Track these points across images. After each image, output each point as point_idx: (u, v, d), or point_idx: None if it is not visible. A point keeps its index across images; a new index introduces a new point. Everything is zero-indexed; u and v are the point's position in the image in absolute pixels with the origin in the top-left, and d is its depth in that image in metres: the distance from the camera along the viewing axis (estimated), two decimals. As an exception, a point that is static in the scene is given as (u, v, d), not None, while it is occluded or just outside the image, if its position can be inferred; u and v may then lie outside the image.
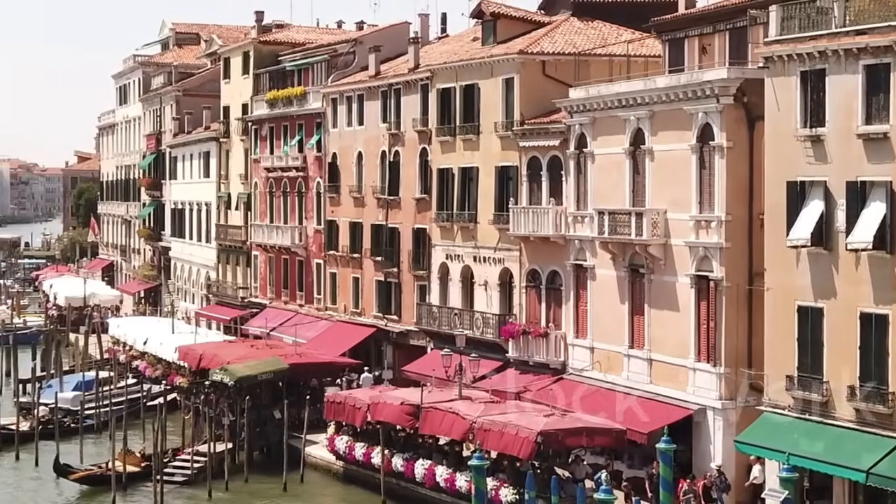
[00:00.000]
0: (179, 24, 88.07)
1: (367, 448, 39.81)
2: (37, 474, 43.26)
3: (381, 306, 51.14)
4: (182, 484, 41.01)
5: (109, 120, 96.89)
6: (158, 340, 55.13)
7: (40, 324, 75.62)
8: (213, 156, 68.43)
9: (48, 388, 52.22)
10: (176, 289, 73.36)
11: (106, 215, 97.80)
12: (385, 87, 51.36)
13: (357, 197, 53.20)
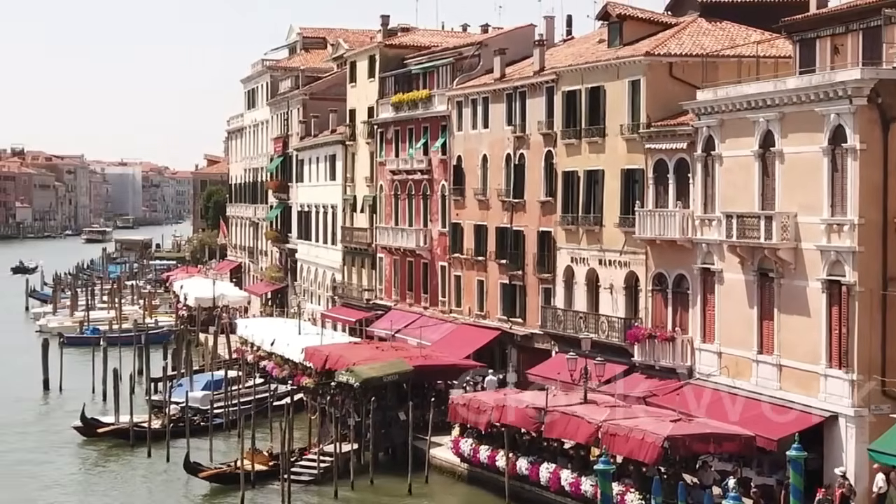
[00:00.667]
0: (307, 28, 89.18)
1: (492, 451, 39.82)
2: (167, 471, 44.10)
3: (506, 309, 51.12)
4: (308, 483, 41.47)
5: (238, 124, 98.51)
6: (285, 341, 55.83)
7: (171, 324, 77.20)
8: (338, 159, 69.12)
9: (179, 386, 53.22)
10: (302, 290, 74.23)
11: (234, 217, 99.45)
12: (510, 89, 51.35)
13: (482, 200, 53.27)
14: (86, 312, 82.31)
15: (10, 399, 57.75)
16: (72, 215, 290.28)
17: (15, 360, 69.38)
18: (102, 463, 46.15)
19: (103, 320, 77.52)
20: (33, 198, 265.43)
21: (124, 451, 47.00)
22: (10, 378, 63.57)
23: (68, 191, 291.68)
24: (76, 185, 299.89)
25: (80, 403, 51.58)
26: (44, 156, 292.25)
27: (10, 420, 53.22)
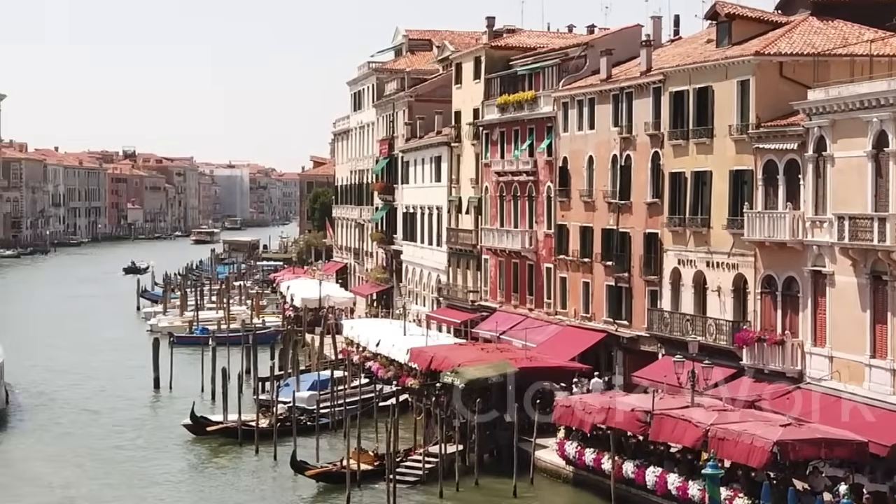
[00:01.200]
0: (412, 31, 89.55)
1: (598, 453, 39.60)
2: (275, 469, 44.58)
3: (612, 311, 50.81)
4: (414, 484, 41.62)
5: (344, 126, 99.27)
6: (390, 342, 56.11)
7: (278, 324, 77.99)
8: (444, 160, 69.28)
9: (286, 386, 53.75)
10: (407, 292, 74.52)
11: (340, 219, 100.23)
12: (616, 90, 51.03)
13: (587, 201, 53.01)
14: (195, 312, 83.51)
15: (122, 397, 58.90)
16: (181, 216, 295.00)
17: (127, 358, 70.76)
18: (211, 460, 46.80)
19: (212, 320, 78.65)
20: (144, 199, 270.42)
21: (232, 450, 47.60)
22: (122, 376, 64.85)
23: (178, 192, 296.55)
24: (185, 187, 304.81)
25: (189, 402, 52.36)
26: (154, 158, 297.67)
27: (123, 417, 54.27)
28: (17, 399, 57.49)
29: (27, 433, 51.32)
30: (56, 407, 56.48)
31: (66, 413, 55.18)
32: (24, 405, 56.66)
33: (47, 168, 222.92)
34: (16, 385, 59.99)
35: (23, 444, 49.48)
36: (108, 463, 46.10)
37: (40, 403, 57.15)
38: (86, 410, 55.78)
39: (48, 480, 43.41)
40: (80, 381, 63.61)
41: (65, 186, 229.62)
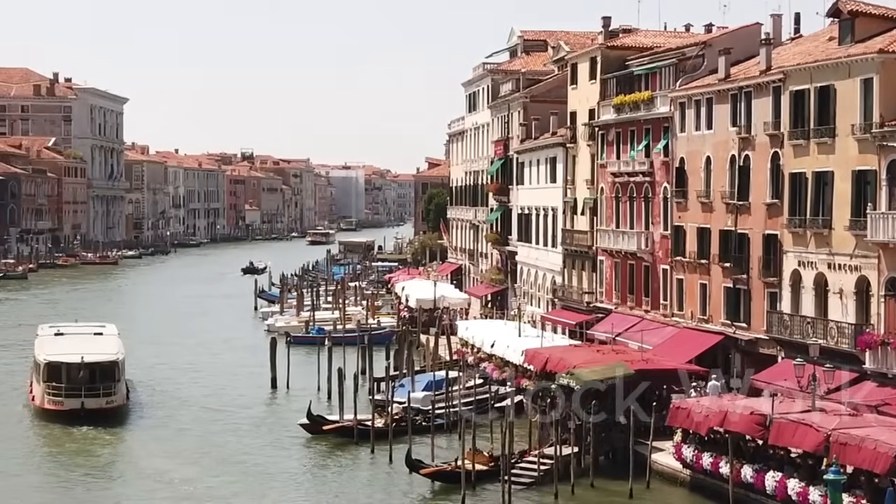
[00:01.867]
0: (527, 31, 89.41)
1: (715, 457, 39.08)
2: (390, 469, 44.78)
3: (730, 313, 50.13)
4: (528, 485, 41.49)
5: (459, 127, 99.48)
6: (505, 343, 56.01)
7: (393, 324, 78.40)
8: (559, 161, 69.02)
9: (401, 386, 53.97)
10: (522, 293, 74.39)
11: (454, 220, 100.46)
12: (735, 90, 50.34)
13: (705, 202, 52.37)
14: (311, 312, 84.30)
15: (240, 396, 59.69)
16: (297, 217, 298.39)
17: (245, 358, 71.72)
18: (327, 459, 47.18)
19: (328, 320, 79.34)
20: (261, 201, 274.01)
21: (348, 449, 47.91)
22: (240, 375, 65.74)
23: (294, 194, 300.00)
24: (302, 189, 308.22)
25: (305, 401, 52.85)
26: (272, 160, 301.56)
27: (241, 416, 54.99)
28: (138, 396, 58.61)
29: (147, 430, 52.28)
30: (175, 405, 57.45)
31: (186, 411, 56.09)
32: (145, 402, 57.76)
33: (168, 170, 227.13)
34: (136, 382, 61.20)
35: (143, 440, 50.42)
36: (227, 460, 46.74)
37: (160, 401, 58.18)
38: (205, 408, 56.64)
39: (169, 476, 44.15)
40: (199, 380, 64.66)
41: (185, 188, 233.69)
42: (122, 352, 56.96)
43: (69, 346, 55.81)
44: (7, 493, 42.18)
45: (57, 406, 52.72)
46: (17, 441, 50.28)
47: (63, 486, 43.24)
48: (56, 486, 43.32)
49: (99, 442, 49.61)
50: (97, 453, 47.95)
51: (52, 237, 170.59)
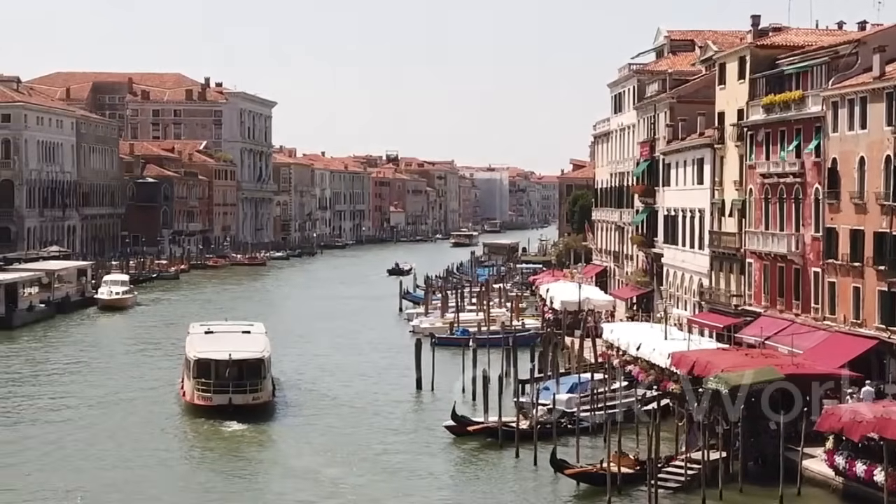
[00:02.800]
0: (674, 31, 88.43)
1: (869, 465, 38.08)
2: (535, 471, 44.66)
3: (885, 317, 48.80)
4: (675, 490, 40.98)
5: (604, 128, 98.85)
6: (651, 346, 55.45)
7: (537, 326, 78.22)
8: (706, 162, 68.06)
9: (545, 389, 53.80)
10: (668, 295, 73.58)
11: (599, 221, 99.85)
12: (890, 88, 49.00)
13: (858, 203, 51.11)
14: (456, 314, 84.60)
15: (385, 396, 60.18)
16: (442, 219, 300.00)
17: (389, 358, 72.31)
18: (472, 460, 47.26)
19: (472, 322, 79.50)
20: (406, 203, 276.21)
21: (493, 450, 47.93)
22: (385, 376, 66.29)
23: (439, 196, 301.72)
24: (446, 191, 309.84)
25: (450, 402, 53.04)
26: (416, 162, 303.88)
27: (386, 416, 55.42)
28: (284, 394, 59.53)
29: (294, 427, 53.05)
30: (321, 403, 58.16)
31: (331, 410, 56.74)
32: (291, 400, 58.63)
33: (314, 173, 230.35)
34: (283, 380, 62.18)
35: (290, 437, 51.15)
36: (373, 460, 47.12)
37: (306, 400, 58.97)
38: (350, 408, 57.23)
39: (316, 475, 44.69)
40: (345, 379, 65.37)
41: (331, 190, 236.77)
42: (269, 350, 58.00)
43: (218, 344, 57.24)
44: (159, 485, 43.25)
45: (206, 401, 54.05)
46: (169, 435, 51.65)
47: (213, 481, 44.13)
48: (206, 481, 44.21)
49: (247, 438, 50.55)
50: (245, 450, 48.84)
51: (203, 238, 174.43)
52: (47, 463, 46.09)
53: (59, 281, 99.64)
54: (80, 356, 74.21)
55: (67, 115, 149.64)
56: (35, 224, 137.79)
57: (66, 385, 63.71)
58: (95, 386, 63.27)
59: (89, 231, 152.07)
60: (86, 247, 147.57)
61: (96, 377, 66.28)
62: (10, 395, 60.17)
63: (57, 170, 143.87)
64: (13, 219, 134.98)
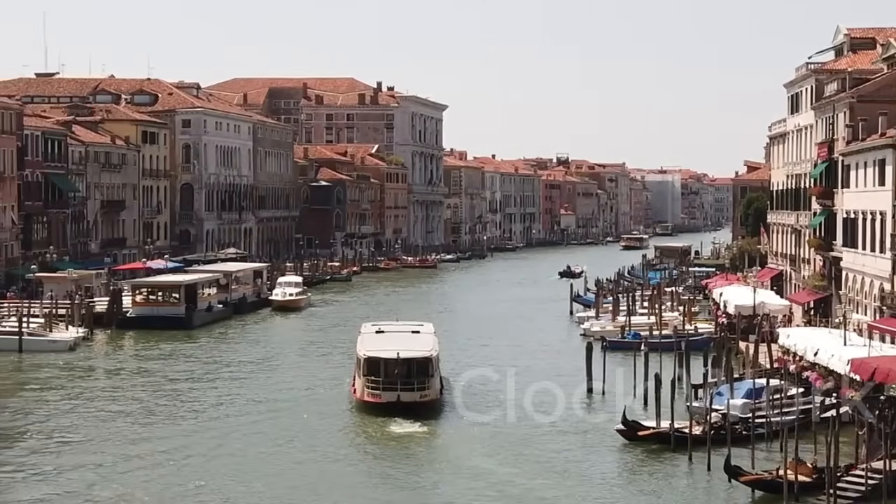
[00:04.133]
0: (854, 29, 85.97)
1: None
2: (708, 477, 43.84)
3: None
4: (855, 500, 39.66)
5: (780, 129, 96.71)
6: (829, 352, 53.90)
7: (710, 331, 76.91)
8: (888, 163, 65.85)
9: (719, 394, 52.77)
10: (847, 300, 71.51)
11: (775, 224, 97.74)
12: None
13: None
14: (627, 317, 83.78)
15: (555, 398, 59.74)
16: (612, 222, 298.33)
17: (560, 361, 71.93)
18: (644, 465, 46.65)
19: (644, 325, 78.57)
20: (577, 205, 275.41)
21: (665, 455, 47.22)
22: (555, 379, 65.88)
23: (609, 198, 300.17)
24: (617, 193, 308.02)
25: (621, 406, 52.47)
26: (587, 164, 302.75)
27: (556, 419, 55.03)
28: (454, 394, 59.83)
29: (463, 427, 53.14)
30: (490, 404, 58.06)
31: (501, 411, 56.59)
32: (459, 399, 58.86)
33: (485, 175, 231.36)
34: (452, 380, 62.48)
35: (459, 437, 51.28)
36: (543, 462, 46.86)
37: (474, 399, 58.98)
38: (520, 409, 56.98)
39: (487, 476, 44.60)
40: (514, 381, 65.08)
41: (501, 193, 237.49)
42: (437, 349, 58.63)
43: (388, 343, 58.20)
44: (329, 482, 43.80)
45: (375, 398, 54.93)
46: (339, 431, 52.54)
47: (383, 481, 44.40)
48: (377, 480, 44.54)
49: (416, 437, 50.93)
50: (415, 449, 49.16)
51: (375, 241, 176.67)
52: (220, 459, 47.07)
53: (236, 282, 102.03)
54: (254, 355, 75.82)
55: (244, 120, 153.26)
56: (213, 226, 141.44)
57: (242, 383, 65.11)
58: (269, 384, 64.53)
59: (265, 233, 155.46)
60: (261, 249, 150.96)
61: (270, 375, 67.62)
62: (188, 393, 61.77)
63: (234, 174, 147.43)
64: (193, 221, 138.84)
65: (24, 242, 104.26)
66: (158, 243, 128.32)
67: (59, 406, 57.52)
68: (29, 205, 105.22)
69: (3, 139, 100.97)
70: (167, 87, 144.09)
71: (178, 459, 46.50)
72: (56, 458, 46.44)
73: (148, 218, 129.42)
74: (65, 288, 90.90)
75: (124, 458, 46.61)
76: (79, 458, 46.53)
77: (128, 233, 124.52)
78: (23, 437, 50.18)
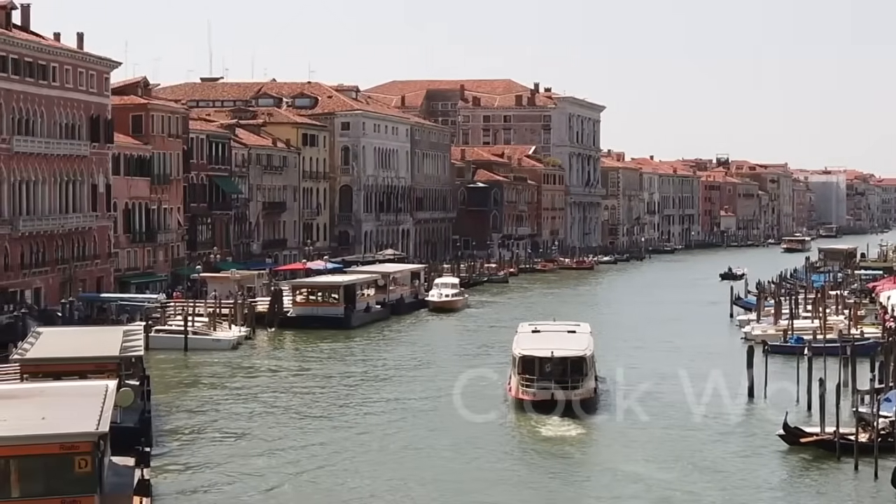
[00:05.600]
0: None
1: None
2: (874, 486, 42.49)
3: None
4: None
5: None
6: None
7: (878, 335, 74.66)
8: None
9: (887, 400, 51.09)
10: None
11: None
12: None
13: None
14: (789, 321, 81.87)
15: (714, 403, 58.71)
16: (774, 224, 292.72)
17: (720, 365, 70.58)
18: (806, 472, 45.42)
19: (807, 329, 76.68)
20: (737, 206, 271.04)
21: (828, 463, 45.88)
22: (715, 382, 64.68)
23: (771, 200, 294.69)
24: (779, 194, 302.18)
25: (783, 411, 51.22)
26: (748, 165, 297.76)
27: (715, 423, 54.04)
28: (610, 395, 59.44)
29: (617, 428, 52.63)
30: (646, 405, 57.29)
31: (657, 412, 55.84)
32: (614, 400, 58.45)
33: (643, 176, 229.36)
34: (608, 380, 62.16)
35: (613, 438, 50.76)
36: (702, 467, 45.91)
37: (630, 400, 58.23)
38: (677, 411, 56.17)
39: (645, 480, 43.93)
40: (673, 384, 64.14)
41: (659, 194, 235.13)
42: (592, 348, 58.74)
43: (542, 342, 58.75)
44: (481, 480, 43.71)
45: (529, 396, 55.40)
46: (494, 430, 52.64)
47: (539, 481, 44.04)
48: (533, 480, 44.21)
49: (570, 438, 50.55)
50: (570, 450, 48.71)
51: (532, 242, 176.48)
52: (376, 457, 47.38)
53: (393, 283, 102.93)
54: (411, 355, 76.35)
55: (402, 123, 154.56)
56: (371, 228, 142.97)
57: (398, 382, 65.60)
58: (425, 383, 64.85)
59: (422, 235, 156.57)
60: (419, 250, 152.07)
61: (426, 375, 67.97)
62: (347, 392, 62.45)
63: (392, 175, 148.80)
64: (352, 223, 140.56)
65: (189, 243, 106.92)
66: (318, 244, 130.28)
67: (221, 404, 58.67)
68: (194, 206, 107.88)
69: (170, 142, 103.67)
70: (327, 91, 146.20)
71: (335, 458, 46.92)
72: (217, 454, 47.33)
73: (308, 219, 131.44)
74: (228, 288, 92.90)
75: (284, 455, 47.29)
76: (240, 453, 47.36)
77: (288, 234, 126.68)
78: (186, 434, 51.27)
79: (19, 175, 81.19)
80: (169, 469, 44.21)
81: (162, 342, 74.78)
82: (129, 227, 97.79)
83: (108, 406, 34.03)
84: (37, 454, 30.31)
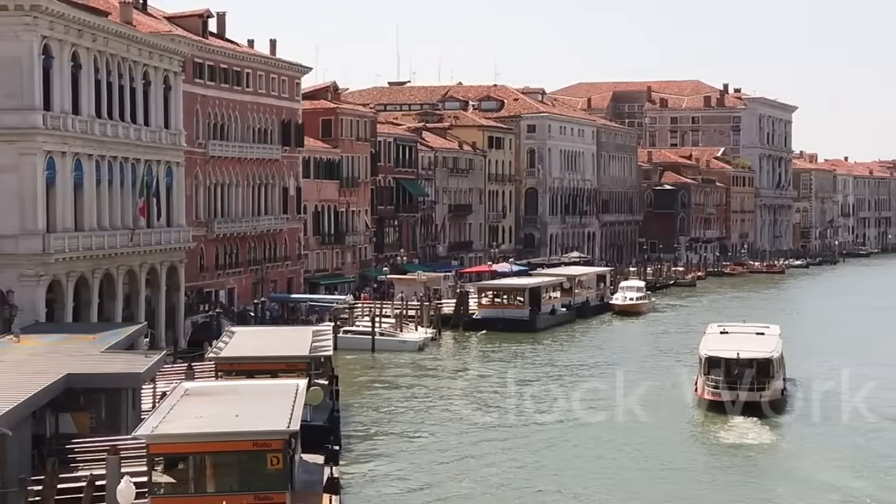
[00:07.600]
0: None
1: None
2: None
3: None
4: None
5: None
6: None
7: None
8: None
9: None
10: None
11: None
12: None
13: None
14: None
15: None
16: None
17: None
18: None
19: None
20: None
21: None
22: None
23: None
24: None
25: None
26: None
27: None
28: (797, 397, 58.58)
29: (806, 432, 51.63)
30: (840, 414, 55.70)
31: (852, 422, 54.22)
32: (803, 404, 57.46)
33: (836, 178, 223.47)
34: (798, 383, 61.18)
35: (803, 443, 49.68)
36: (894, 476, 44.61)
37: (820, 406, 56.78)
38: (875, 417, 54.49)
39: (838, 490, 42.72)
40: (866, 391, 62.24)
41: (854, 196, 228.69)
42: (780, 351, 58.10)
43: (730, 343, 58.54)
44: (670, 484, 43.21)
45: (715, 397, 55.18)
46: (679, 430, 52.51)
47: (727, 487, 43.30)
48: (714, 480, 43.67)
49: (758, 444, 49.67)
50: (758, 456, 47.71)
51: (720, 246, 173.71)
52: (571, 458, 47.16)
53: (579, 286, 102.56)
54: (597, 358, 75.92)
55: (588, 125, 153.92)
56: (557, 230, 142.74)
57: (583, 384, 65.17)
58: (611, 385, 64.28)
59: (608, 237, 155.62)
60: (605, 253, 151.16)
61: (612, 377, 67.33)
62: (532, 394, 62.12)
63: (578, 178, 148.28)
64: (537, 225, 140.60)
65: (377, 245, 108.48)
66: (503, 247, 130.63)
67: (407, 405, 59.18)
68: (381, 209, 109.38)
69: (359, 146, 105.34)
70: (513, 93, 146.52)
71: (521, 461, 46.79)
72: (402, 456, 47.65)
73: (493, 222, 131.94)
74: (414, 289, 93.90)
75: (470, 462, 47.03)
76: (426, 459, 47.32)
77: (474, 236, 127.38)
78: (373, 434, 51.83)
79: (214, 178, 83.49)
80: (356, 468, 44.71)
81: (350, 343, 75.99)
82: (319, 229, 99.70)
83: (299, 405, 34.58)
84: (231, 451, 30.99)
